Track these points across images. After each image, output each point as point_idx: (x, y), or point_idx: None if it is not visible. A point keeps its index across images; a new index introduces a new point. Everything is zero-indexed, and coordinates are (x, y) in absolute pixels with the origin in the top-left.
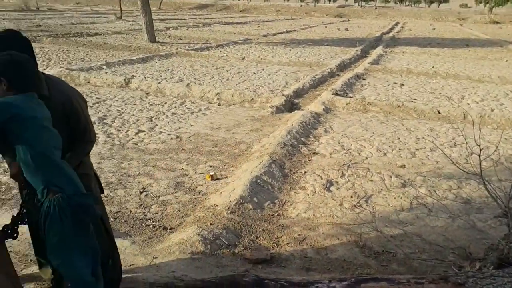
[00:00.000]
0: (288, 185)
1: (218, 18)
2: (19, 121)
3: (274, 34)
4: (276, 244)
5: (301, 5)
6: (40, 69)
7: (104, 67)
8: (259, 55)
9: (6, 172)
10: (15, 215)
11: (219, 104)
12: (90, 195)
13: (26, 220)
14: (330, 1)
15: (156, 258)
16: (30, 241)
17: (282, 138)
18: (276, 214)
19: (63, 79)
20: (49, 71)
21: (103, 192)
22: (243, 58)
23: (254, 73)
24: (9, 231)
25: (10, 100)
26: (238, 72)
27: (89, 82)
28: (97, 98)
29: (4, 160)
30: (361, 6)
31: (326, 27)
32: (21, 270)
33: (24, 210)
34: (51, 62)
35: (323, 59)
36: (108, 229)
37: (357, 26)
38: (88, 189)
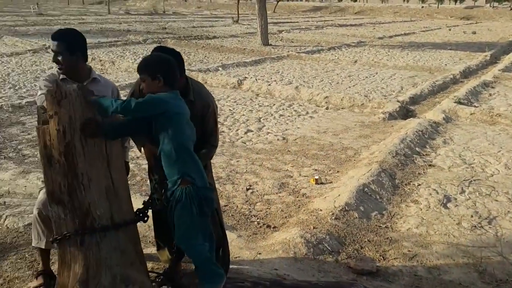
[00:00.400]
0: (398, 197)
1: (332, 20)
2: (167, 116)
3: (391, 37)
4: (382, 257)
5: (422, 6)
6: None
7: (220, 68)
8: (373, 58)
9: (133, 160)
10: (146, 200)
11: (327, 108)
12: (212, 189)
13: (155, 205)
14: (456, 2)
15: (260, 254)
16: (150, 224)
17: (394, 147)
18: (383, 226)
19: None
20: None
21: None
22: (355, 61)
23: (367, 77)
24: (141, 215)
25: (162, 97)
26: (349, 76)
27: (206, 82)
28: None
29: (135, 148)
30: (493, 7)
31: (450, 29)
32: None
33: (154, 196)
34: None
35: (445, 64)
36: (221, 220)
37: (486, 29)
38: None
